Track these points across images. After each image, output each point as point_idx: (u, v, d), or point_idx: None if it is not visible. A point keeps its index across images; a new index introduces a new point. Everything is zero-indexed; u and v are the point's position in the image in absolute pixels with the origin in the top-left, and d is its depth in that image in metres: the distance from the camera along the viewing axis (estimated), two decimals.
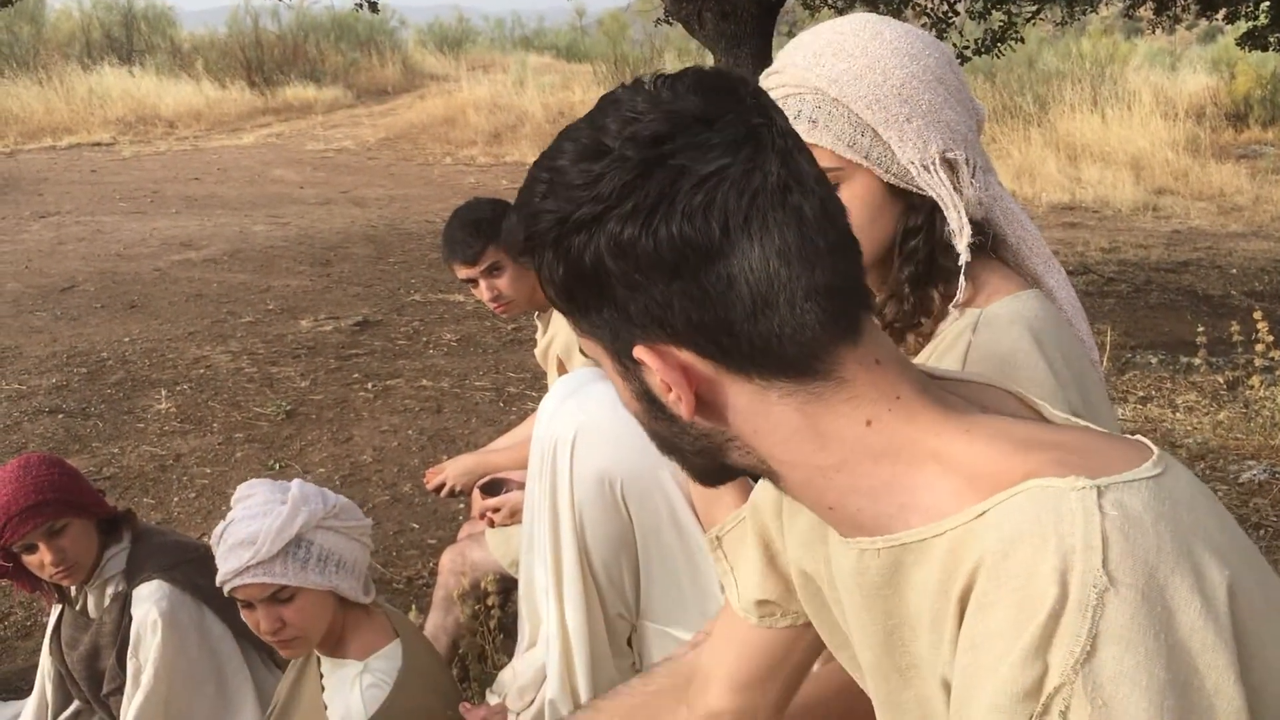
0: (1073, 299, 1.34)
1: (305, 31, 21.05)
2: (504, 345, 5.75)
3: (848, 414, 0.81)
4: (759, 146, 0.76)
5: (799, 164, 0.78)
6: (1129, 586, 0.68)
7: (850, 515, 0.85)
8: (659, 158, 0.75)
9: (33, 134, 14.90)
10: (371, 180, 11.99)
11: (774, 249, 0.76)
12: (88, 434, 4.53)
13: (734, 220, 0.75)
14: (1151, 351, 5.41)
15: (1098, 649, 0.67)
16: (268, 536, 1.83)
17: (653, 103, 0.77)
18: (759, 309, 0.77)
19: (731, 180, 0.75)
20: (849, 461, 0.82)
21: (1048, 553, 0.70)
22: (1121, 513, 0.71)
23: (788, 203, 0.76)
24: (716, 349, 0.80)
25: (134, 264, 7.68)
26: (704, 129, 0.76)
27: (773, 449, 0.84)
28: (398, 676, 1.91)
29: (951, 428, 0.81)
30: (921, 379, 0.84)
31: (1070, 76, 14.15)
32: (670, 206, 0.75)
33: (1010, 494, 0.75)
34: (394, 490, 4.00)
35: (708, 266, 0.76)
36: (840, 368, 0.80)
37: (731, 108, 0.77)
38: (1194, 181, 11.09)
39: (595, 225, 0.77)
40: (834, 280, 0.78)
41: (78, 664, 2.33)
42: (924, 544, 0.79)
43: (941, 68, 1.27)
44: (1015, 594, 0.71)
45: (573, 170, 0.77)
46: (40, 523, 2.13)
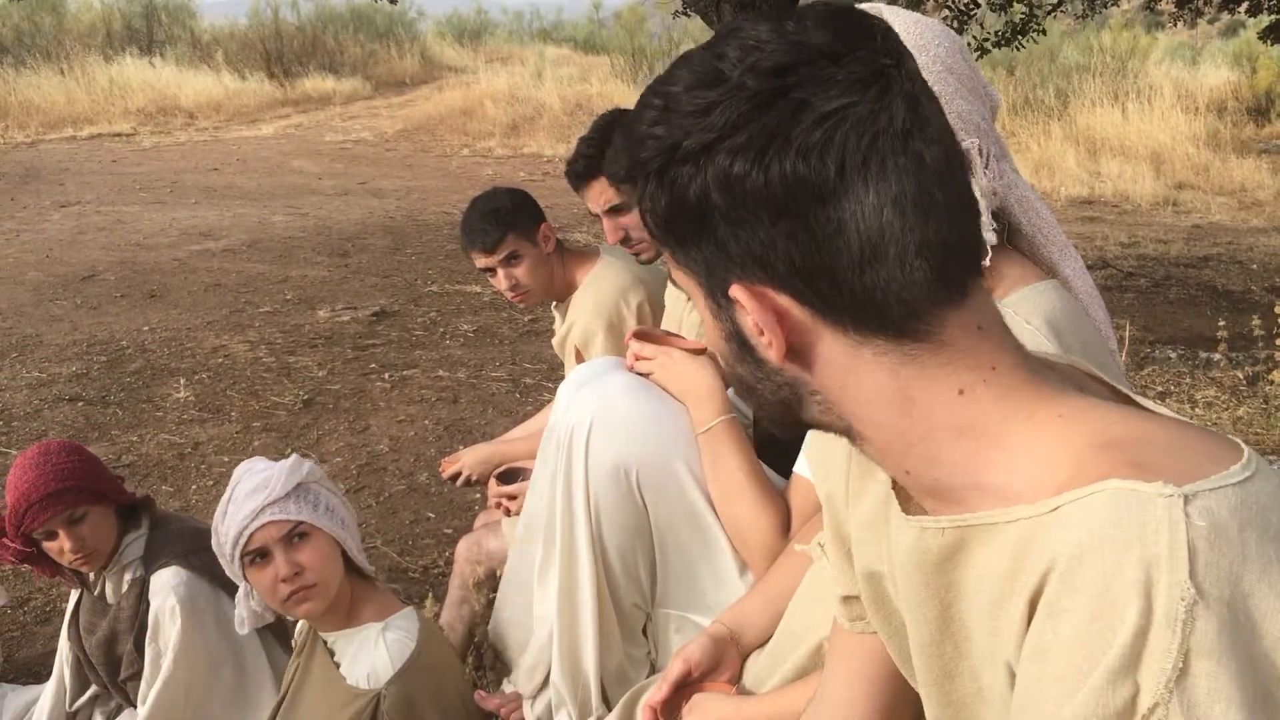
0: (1090, 288, 1.32)
1: (324, 23, 21.10)
2: (520, 336, 5.76)
3: (941, 380, 0.78)
4: (886, 88, 0.73)
5: (925, 111, 0.75)
6: (1216, 599, 0.65)
7: (925, 484, 0.83)
8: (779, 90, 0.72)
9: (54, 124, 14.97)
10: (389, 171, 12.01)
11: (890, 196, 0.73)
12: (107, 422, 4.56)
13: (851, 161, 0.72)
14: (1170, 346, 5.38)
15: (1190, 666, 0.64)
16: (279, 478, 1.90)
17: (778, 33, 0.73)
18: (866, 259, 0.74)
19: (854, 120, 0.72)
20: (934, 432, 0.79)
21: (1130, 563, 0.66)
22: (1209, 522, 0.67)
23: (909, 149, 0.73)
24: (817, 296, 0.77)
25: (153, 254, 7.72)
26: (830, 64, 0.72)
27: (857, 408, 0.82)
28: (420, 633, 1.92)
29: (1045, 408, 0.77)
30: (1019, 350, 0.81)
31: (1091, 70, 14.06)
32: (786, 141, 0.72)
33: (1088, 492, 0.71)
34: (410, 480, 4.01)
35: (818, 208, 0.73)
36: (941, 330, 0.77)
37: (862, 45, 0.74)
38: (1215, 176, 11.00)
39: (704, 156, 0.74)
40: (949, 237, 0.75)
41: (95, 649, 2.34)
42: (992, 528, 0.77)
43: (952, 57, 1.26)
44: (1091, 603, 0.68)
45: (686, 97, 0.74)
46: (60, 510, 2.14)
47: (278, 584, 1.88)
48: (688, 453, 1.84)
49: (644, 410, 1.85)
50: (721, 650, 1.60)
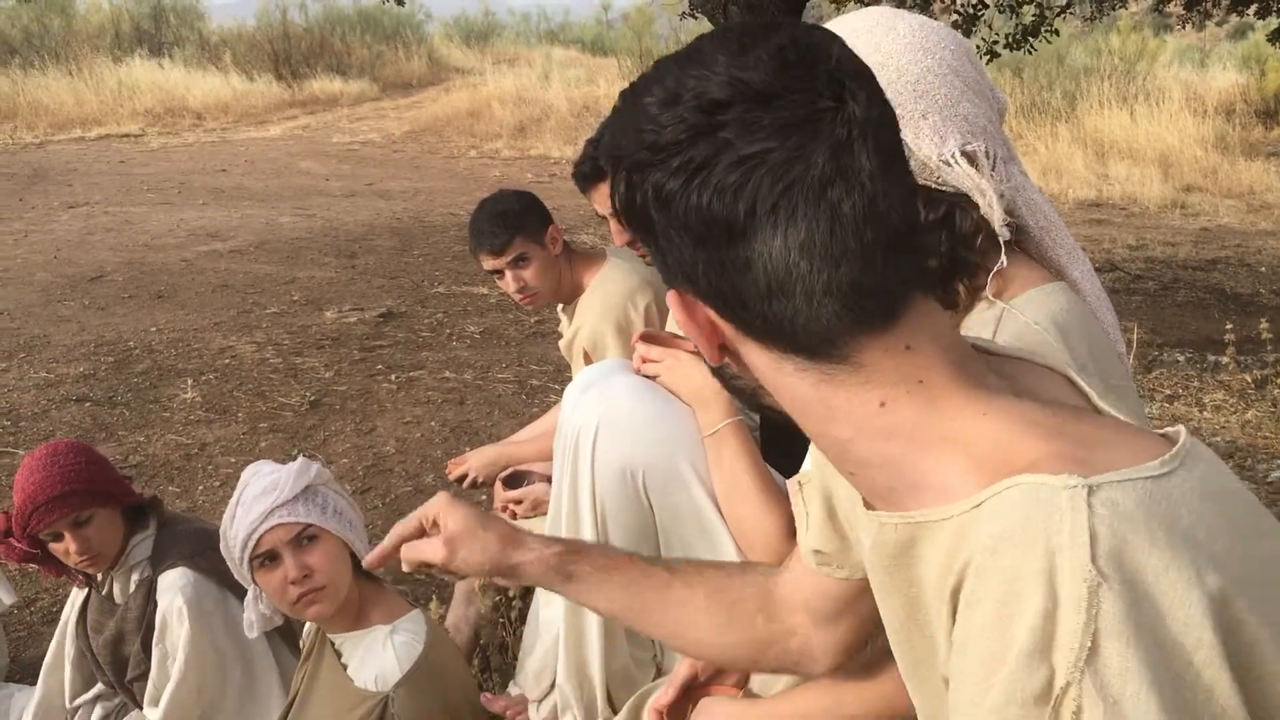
0: (1098, 290, 1.32)
1: (332, 25, 21.14)
2: (527, 338, 5.76)
3: (861, 395, 0.81)
4: (813, 134, 0.75)
5: (854, 157, 0.76)
6: (1120, 582, 0.67)
7: (868, 485, 0.87)
8: (710, 126, 0.75)
9: (62, 125, 15.02)
10: (396, 173, 12.04)
11: (797, 242, 0.76)
12: (114, 422, 4.57)
13: (761, 206, 0.75)
14: (1179, 350, 5.37)
15: (1100, 645, 0.66)
16: (288, 480, 1.90)
17: (727, 64, 0.76)
18: (773, 295, 0.78)
19: (770, 166, 0.75)
20: (860, 437, 0.83)
21: (1036, 552, 0.70)
22: (1112, 510, 0.70)
23: (825, 198, 0.75)
24: (734, 316, 0.82)
25: (161, 254, 7.74)
26: (760, 106, 0.75)
27: (792, 409, 0.86)
28: (427, 636, 1.92)
29: (970, 410, 0.80)
30: (960, 360, 0.83)
31: (1099, 73, 14.03)
32: (707, 177, 0.75)
33: (1005, 486, 0.74)
34: (417, 481, 4.01)
35: (729, 244, 0.77)
36: (859, 354, 0.80)
37: (801, 86, 0.75)
38: (1223, 179, 10.98)
39: (648, 170, 0.78)
40: (863, 278, 0.77)
41: (102, 649, 2.34)
42: (934, 525, 0.80)
43: (958, 59, 1.26)
44: (1000, 591, 0.71)
45: (649, 111, 0.78)
46: (66, 513, 2.14)
47: (287, 586, 1.88)
48: (694, 455, 1.84)
49: (650, 412, 1.85)
50: None
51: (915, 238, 0.81)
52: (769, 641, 1.29)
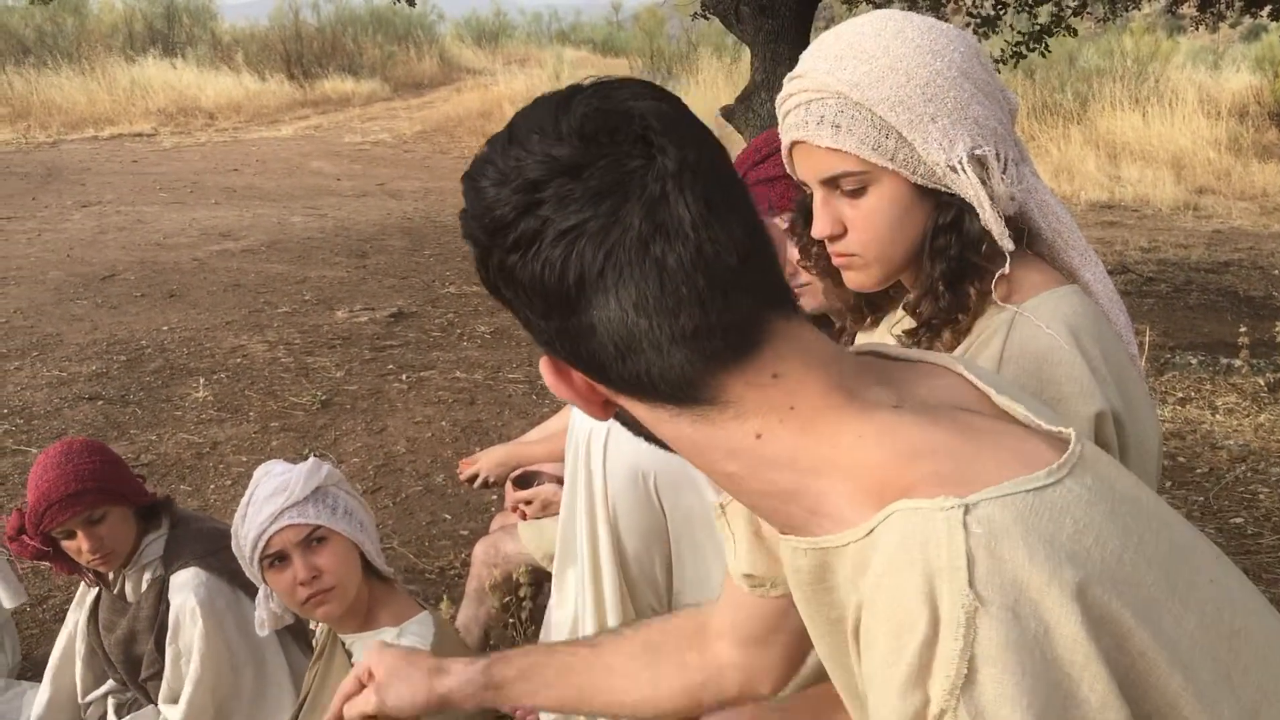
0: (1111, 292, 1.32)
1: (344, 25, 21.20)
2: None
3: (735, 429, 0.82)
4: (624, 197, 0.75)
5: (671, 209, 0.76)
6: (999, 605, 0.67)
7: (770, 514, 0.87)
8: (531, 205, 0.77)
9: (75, 124, 15.09)
10: (408, 173, 12.06)
11: (630, 302, 0.76)
12: (126, 421, 4.59)
13: (589, 273, 0.76)
14: (1191, 352, 5.35)
15: (976, 672, 0.66)
16: (298, 481, 1.91)
17: (540, 140, 0.78)
18: (623, 354, 0.79)
19: (589, 235, 0.75)
20: (746, 470, 0.83)
21: (914, 577, 0.70)
22: (987, 529, 0.70)
23: (649, 255, 0.75)
24: (599, 377, 0.83)
25: (173, 254, 7.76)
26: (571, 180, 0.76)
27: (683, 454, 0.87)
28: (434, 640, 1.92)
29: (845, 432, 0.80)
30: (835, 378, 0.83)
31: (1111, 74, 13.99)
32: (537, 252, 0.77)
33: (885, 515, 0.75)
34: (427, 481, 4.02)
35: (570, 314, 0.78)
36: (723, 392, 0.80)
37: (605, 153, 0.76)
38: (1236, 181, 10.94)
39: (490, 250, 0.80)
40: (705, 322, 0.77)
41: (114, 647, 2.35)
42: (838, 550, 0.80)
43: (967, 61, 1.25)
44: (889, 623, 0.71)
45: (484, 192, 0.80)
46: (79, 511, 2.15)
47: (296, 587, 1.89)
48: None
49: None
50: None
51: (758, 268, 0.80)
52: (703, 681, 1.28)
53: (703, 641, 1.29)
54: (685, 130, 0.80)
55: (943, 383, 0.89)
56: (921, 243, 1.29)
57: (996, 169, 1.23)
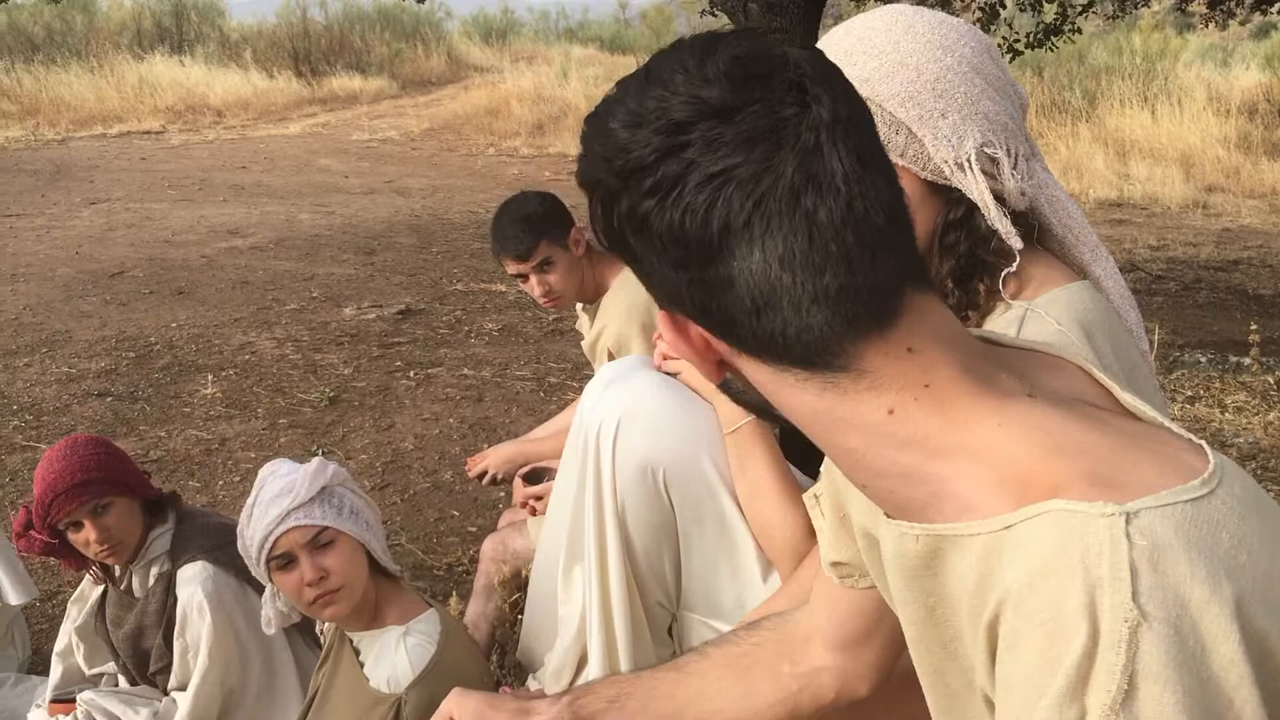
0: (1122, 289, 1.31)
1: (352, 22, 21.23)
2: (545, 335, 5.77)
3: (868, 402, 0.78)
4: (778, 144, 0.73)
5: (824, 161, 0.73)
6: (1161, 620, 0.65)
7: (883, 496, 0.84)
8: (675, 147, 0.74)
9: (84, 121, 15.11)
10: (415, 170, 12.06)
11: (776, 255, 0.74)
12: (135, 417, 4.60)
13: (735, 222, 0.73)
14: (1200, 350, 5.34)
15: (1136, 688, 0.64)
16: (304, 482, 1.91)
17: (686, 81, 0.75)
18: (760, 310, 0.76)
19: (738, 181, 0.73)
20: (872, 447, 0.80)
21: (1075, 587, 0.67)
22: (1150, 541, 0.67)
23: (799, 206, 0.73)
24: (725, 334, 0.80)
25: (182, 251, 7.78)
26: (721, 122, 0.73)
27: (800, 423, 0.83)
28: (440, 638, 1.92)
29: (983, 418, 0.77)
30: (967, 359, 0.80)
31: (1120, 71, 13.95)
32: (678, 198, 0.74)
33: (1036, 512, 0.72)
34: (435, 478, 4.02)
35: (708, 263, 0.75)
36: (859, 360, 0.77)
37: (760, 96, 0.73)
38: (1245, 179, 10.90)
39: (621, 195, 0.77)
40: (850, 282, 0.75)
41: (123, 642, 2.36)
42: (958, 539, 0.77)
43: (978, 56, 1.25)
44: (1042, 629, 0.68)
45: (616, 135, 0.77)
46: (85, 500, 2.16)
47: (303, 588, 1.89)
48: (715, 452, 1.83)
49: (672, 408, 1.85)
50: None
51: (901, 232, 0.78)
52: (800, 688, 1.26)
53: (795, 649, 1.27)
54: (837, 82, 0.77)
55: (1064, 375, 0.87)
56: (931, 239, 1.28)
57: (1007, 164, 1.23)
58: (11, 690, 2.62)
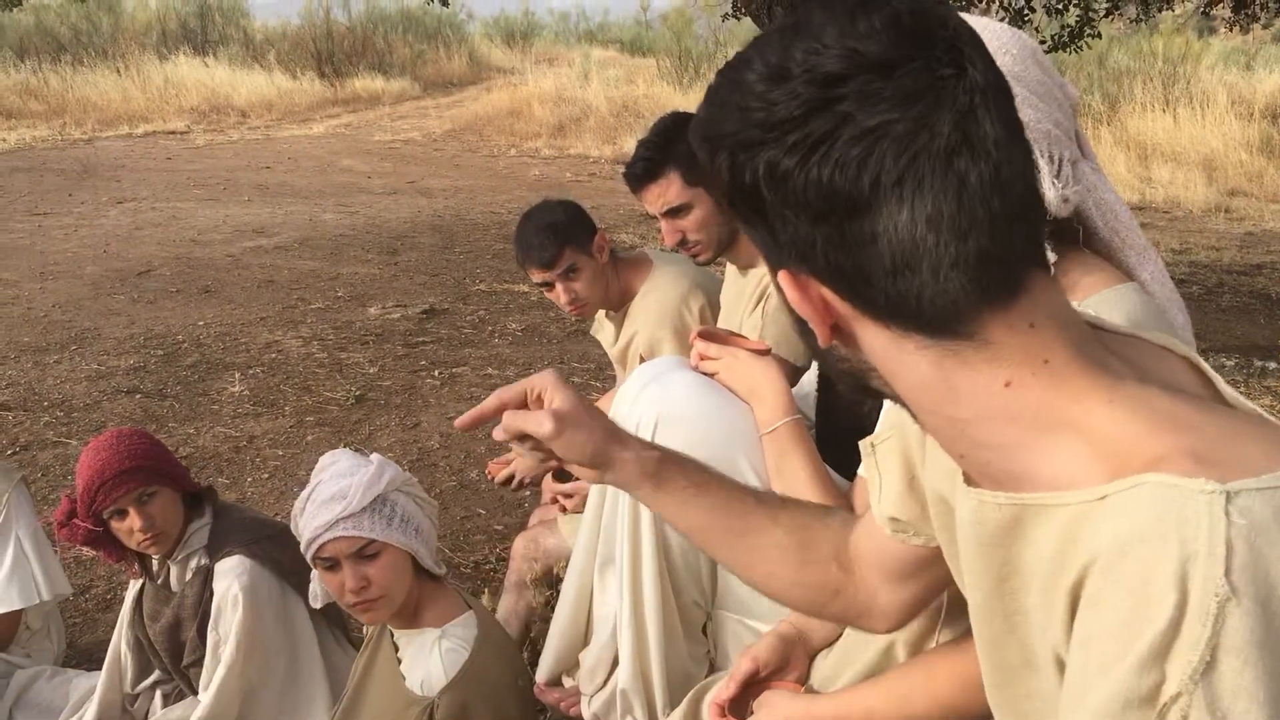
0: (1169, 291, 1.32)
1: (374, 24, 21.33)
2: (568, 335, 5.79)
3: (986, 373, 0.79)
4: (936, 103, 0.73)
5: (979, 124, 0.74)
6: (1251, 598, 0.66)
7: (979, 467, 0.85)
8: (828, 101, 0.74)
9: (110, 122, 15.23)
10: (437, 171, 12.11)
11: (924, 214, 0.74)
12: (164, 414, 4.64)
13: (886, 179, 0.73)
14: (1225, 355, 5.32)
15: (1217, 661, 0.65)
16: (357, 490, 1.88)
17: (840, 36, 0.74)
18: (899, 269, 0.76)
19: (894, 137, 0.73)
20: (982, 418, 0.81)
21: (1168, 556, 0.68)
22: (1249, 521, 0.67)
23: (951, 168, 0.73)
24: (854, 294, 0.80)
25: (208, 250, 7.83)
26: (879, 77, 0.73)
27: (908, 391, 0.84)
28: (474, 643, 1.94)
29: (1096, 396, 0.78)
30: (1081, 340, 0.81)
31: (1141, 75, 13.89)
32: (828, 152, 0.74)
33: (1133, 483, 0.72)
34: (461, 476, 4.05)
35: (853, 219, 0.75)
36: (984, 330, 0.78)
37: (919, 54, 0.74)
38: (1269, 183, 10.85)
39: (759, 149, 0.77)
40: (991, 248, 0.75)
41: (159, 636, 2.39)
42: (1045, 509, 0.78)
43: (1019, 64, 1.24)
44: (1131, 595, 0.69)
45: (754, 88, 0.77)
46: (133, 488, 2.19)
47: (345, 592, 1.91)
48: (752, 452, 1.84)
49: (709, 408, 1.85)
50: (789, 649, 1.61)
51: (1036, 204, 0.79)
52: (837, 589, 1.27)
53: (846, 556, 1.27)
54: (985, 51, 0.78)
55: (1169, 363, 0.88)
56: None
57: (1049, 173, 1.23)
58: (48, 683, 2.65)
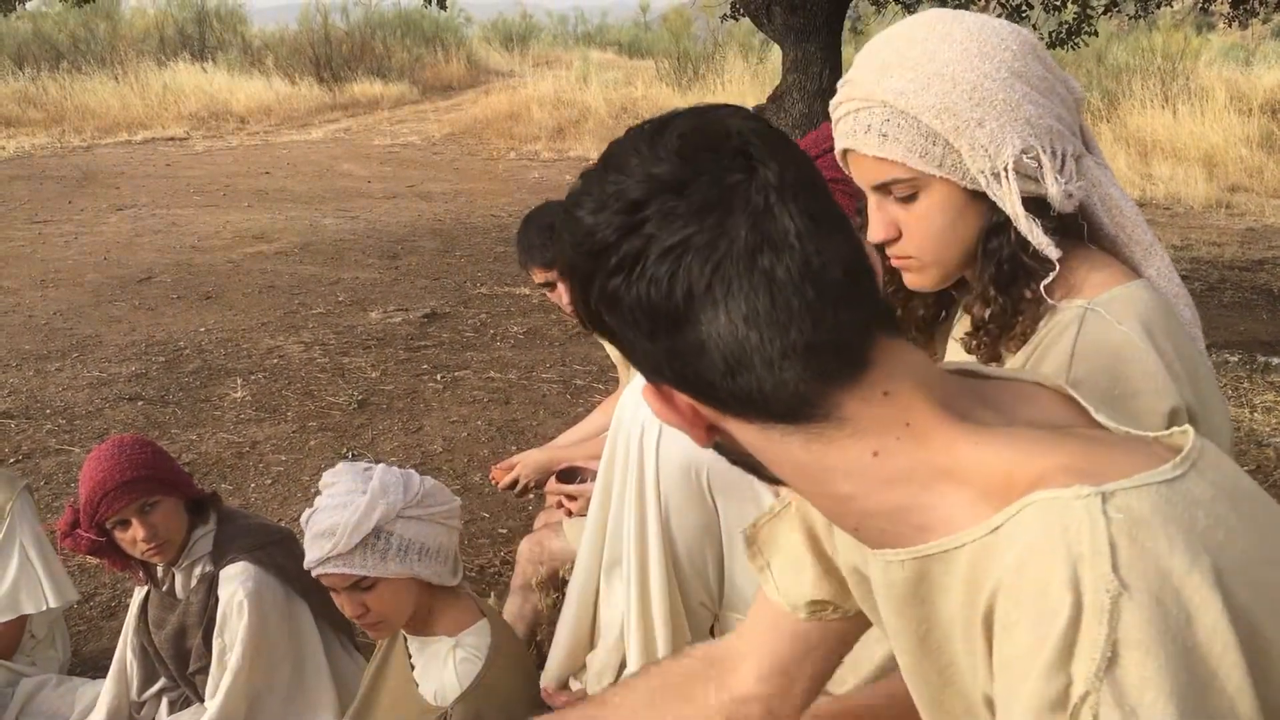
0: (1176, 287, 1.31)
1: (372, 28, 21.33)
2: (570, 338, 5.78)
3: (852, 448, 0.81)
4: (729, 209, 0.76)
5: (777, 220, 0.76)
6: (1142, 590, 0.68)
7: (874, 536, 0.87)
8: (634, 225, 0.77)
9: (109, 129, 15.22)
10: (437, 175, 12.11)
11: (740, 315, 0.76)
12: (166, 421, 4.64)
13: (697, 288, 0.76)
14: (1229, 351, 5.31)
15: (1119, 655, 0.67)
16: (345, 531, 1.86)
17: (639, 161, 0.78)
18: (734, 370, 0.78)
19: (696, 249, 0.76)
20: (861, 491, 0.83)
21: (1059, 563, 0.70)
22: (1127, 516, 0.70)
23: (756, 267, 0.76)
24: (707, 398, 0.82)
25: (208, 256, 7.84)
26: (674, 196, 0.76)
27: (791, 477, 0.86)
28: (488, 652, 1.94)
29: (962, 444, 0.81)
30: (943, 394, 0.83)
31: (1140, 71, 13.87)
32: (642, 270, 0.77)
33: (1019, 507, 0.75)
34: (464, 480, 4.05)
35: (678, 331, 0.78)
36: (839, 409, 0.80)
37: (707, 169, 0.77)
38: (1269, 179, 10.83)
39: (591, 276, 0.80)
40: (817, 336, 0.77)
41: (165, 643, 2.38)
42: (946, 554, 0.80)
43: (1019, 60, 1.23)
44: (1032, 607, 0.72)
45: (582, 222, 0.80)
46: (135, 498, 2.19)
47: (345, 613, 1.94)
48: None
49: None
50: None
51: (862, 284, 0.80)
52: (726, 717, 1.23)
53: (721, 675, 1.25)
54: (782, 147, 0.80)
55: (1040, 402, 0.90)
56: (975, 245, 1.29)
57: (1051, 168, 1.22)
58: (54, 691, 2.65)
